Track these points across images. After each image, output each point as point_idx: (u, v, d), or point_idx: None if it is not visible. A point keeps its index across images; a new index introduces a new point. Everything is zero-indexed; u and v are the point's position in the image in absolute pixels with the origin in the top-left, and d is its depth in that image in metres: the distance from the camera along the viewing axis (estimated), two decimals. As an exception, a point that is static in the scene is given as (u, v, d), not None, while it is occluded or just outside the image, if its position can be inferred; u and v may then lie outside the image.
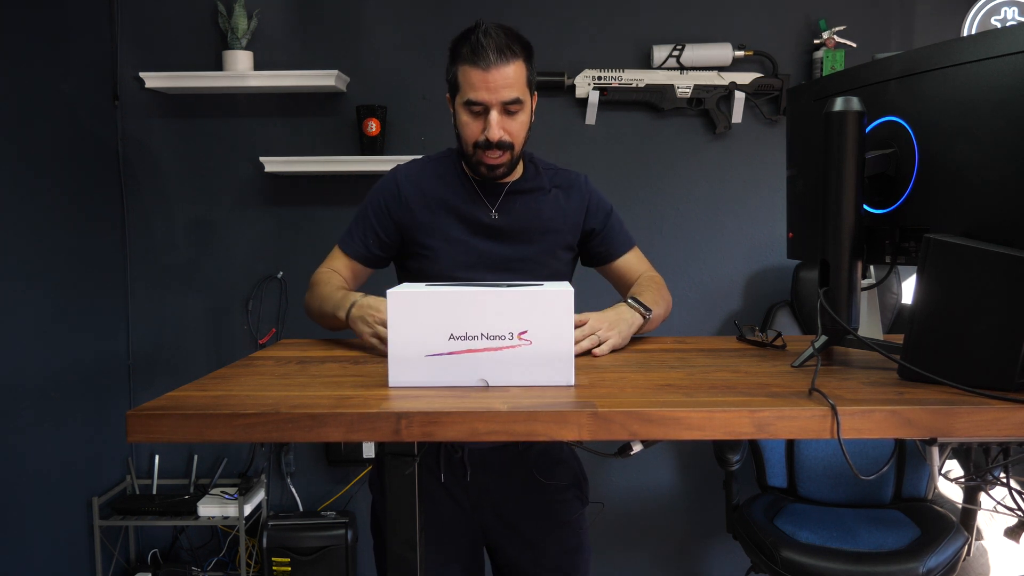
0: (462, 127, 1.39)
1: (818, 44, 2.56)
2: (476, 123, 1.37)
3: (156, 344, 2.71)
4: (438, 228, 1.43)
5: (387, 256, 1.51)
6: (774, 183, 2.65)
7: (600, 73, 2.55)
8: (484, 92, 1.34)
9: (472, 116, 1.37)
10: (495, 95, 1.34)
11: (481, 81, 1.33)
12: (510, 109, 1.36)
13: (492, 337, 0.96)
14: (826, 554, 1.96)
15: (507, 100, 1.35)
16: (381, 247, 1.48)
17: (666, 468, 2.74)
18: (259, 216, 2.69)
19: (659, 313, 1.44)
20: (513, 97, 1.35)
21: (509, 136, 1.37)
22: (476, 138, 1.37)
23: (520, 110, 1.37)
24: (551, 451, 1.47)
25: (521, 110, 1.38)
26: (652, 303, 1.41)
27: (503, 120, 1.36)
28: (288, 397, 0.92)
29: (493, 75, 1.33)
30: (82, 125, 2.50)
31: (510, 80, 1.34)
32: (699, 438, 0.85)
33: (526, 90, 1.38)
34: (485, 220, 1.43)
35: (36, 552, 2.25)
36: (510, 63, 1.34)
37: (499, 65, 1.33)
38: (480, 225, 1.43)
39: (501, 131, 1.35)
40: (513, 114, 1.37)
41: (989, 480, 1.04)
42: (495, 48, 1.33)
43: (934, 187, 1.01)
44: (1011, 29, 0.92)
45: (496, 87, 1.33)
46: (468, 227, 1.43)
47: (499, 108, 1.35)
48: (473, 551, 1.48)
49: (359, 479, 2.72)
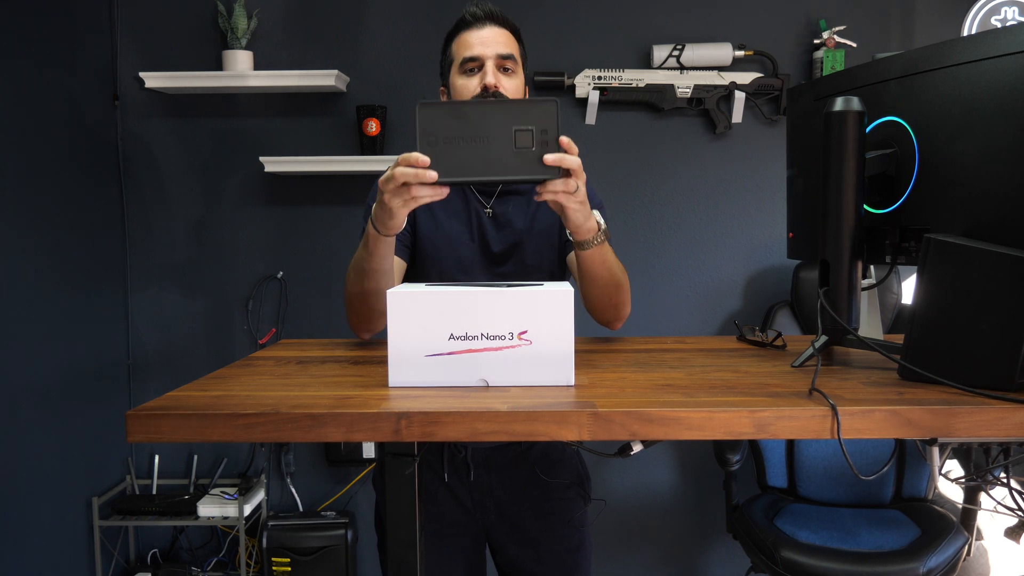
0: (458, 92, 1.39)
1: (818, 44, 2.56)
2: (471, 81, 1.37)
3: (156, 344, 2.72)
4: (435, 226, 1.42)
5: (412, 246, 1.45)
6: (774, 183, 2.65)
7: (600, 73, 2.55)
8: (479, 47, 1.36)
9: (467, 76, 1.38)
10: (489, 48, 1.36)
11: (476, 39, 1.37)
12: (505, 66, 1.37)
13: (492, 337, 0.96)
14: (826, 554, 1.96)
15: (502, 54, 1.37)
16: (404, 236, 1.41)
17: (666, 468, 2.74)
18: (259, 216, 2.69)
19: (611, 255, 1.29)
20: (507, 52, 1.37)
21: (505, 91, 1.36)
22: (472, 93, 1.37)
23: (514, 71, 1.39)
24: (553, 450, 1.47)
25: (515, 72, 1.39)
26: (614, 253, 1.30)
27: (499, 76, 1.37)
28: (288, 397, 0.92)
29: (486, 32, 1.37)
30: (82, 125, 2.50)
31: (503, 39, 1.38)
32: (699, 438, 0.85)
33: (519, 58, 1.41)
34: (481, 218, 1.43)
35: (36, 552, 2.25)
36: (503, 28, 1.39)
37: (492, 25, 1.38)
38: (476, 223, 1.43)
39: (497, 82, 1.35)
40: (508, 72, 1.38)
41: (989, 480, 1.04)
42: (487, 12, 1.39)
43: (934, 187, 1.01)
44: (1011, 29, 0.92)
45: (490, 42, 1.37)
46: (464, 225, 1.43)
47: (494, 61, 1.36)
48: (475, 550, 1.48)
49: (359, 479, 2.72)
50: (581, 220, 1.17)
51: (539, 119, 1.06)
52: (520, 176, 1.04)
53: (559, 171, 1.05)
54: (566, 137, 1.06)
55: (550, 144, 1.04)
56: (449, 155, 1.03)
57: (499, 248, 1.43)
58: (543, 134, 1.05)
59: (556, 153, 1.04)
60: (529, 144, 1.04)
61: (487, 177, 1.04)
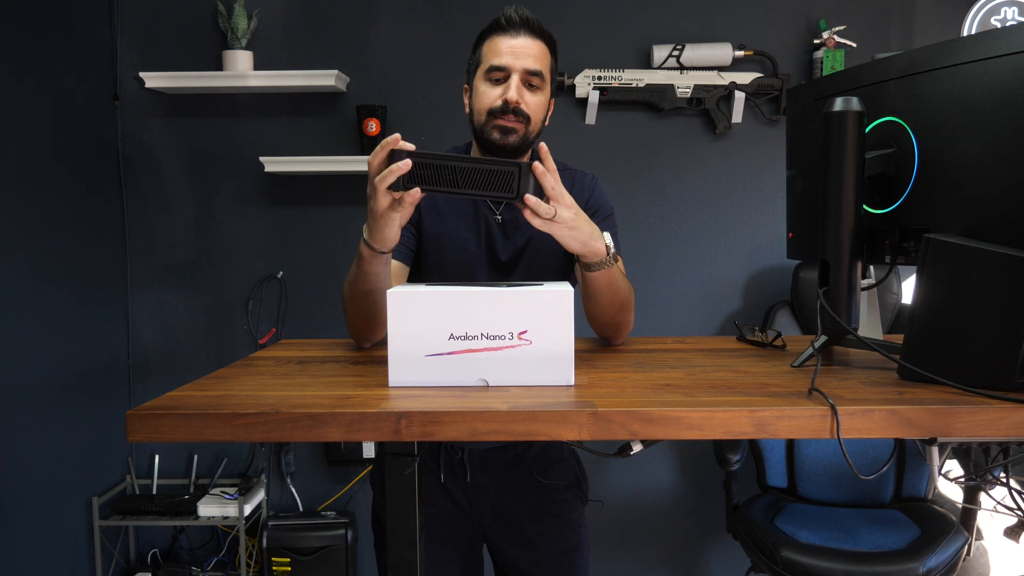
0: (479, 99, 1.36)
1: (818, 44, 2.56)
2: (495, 90, 1.34)
3: (156, 344, 2.72)
4: (442, 229, 1.41)
5: (417, 249, 1.43)
6: (774, 183, 2.65)
7: (600, 73, 2.55)
8: (508, 57, 1.33)
9: (491, 84, 1.35)
10: (519, 61, 1.33)
11: (507, 47, 1.33)
12: (531, 82, 1.34)
13: (492, 337, 0.96)
14: (826, 554, 1.96)
15: (530, 69, 1.33)
16: (408, 239, 1.40)
17: (666, 468, 2.74)
18: (259, 216, 2.69)
19: (620, 278, 1.26)
20: (536, 69, 1.34)
21: (527, 108, 1.34)
22: (492, 104, 1.34)
23: (540, 88, 1.36)
24: (550, 451, 1.46)
25: (541, 89, 1.36)
26: (623, 271, 1.29)
27: (523, 91, 1.34)
28: (288, 397, 0.92)
29: (520, 42, 1.33)
30: (82, 125, 2.50)
31: (535, 52, 1.34)
32: (699, 438, 0.85)
33: (548, 75, 1.37)
34: (489, 225, 1.42)
35: (36, 552, 2.25)
36: (537, 40, 1.35)
37: (527, 35, 1.34)
38: (484, 229, 1.42)
39: (519, 98, 1.33)
40: (533, 88, 1.35)
41: (989, 480, 1.04)
42: (525, 21, 1.34)
43: (934, 187, 1.01)
44: (1011, 29, 0.92)
45: (520, 54, 1.33)
46: (471, 231, 1.41)
47: (521, 76, 1.33)
48: (472, 551, 1.48)
49: (359, 479, 2.72)
50: (577, 246, 1.15)
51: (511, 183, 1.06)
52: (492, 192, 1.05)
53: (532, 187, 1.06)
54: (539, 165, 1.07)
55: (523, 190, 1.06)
56: None
57: (506, 256, 1.42)
58: None
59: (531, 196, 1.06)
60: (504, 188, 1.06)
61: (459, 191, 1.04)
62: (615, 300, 1.27)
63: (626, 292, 1.29)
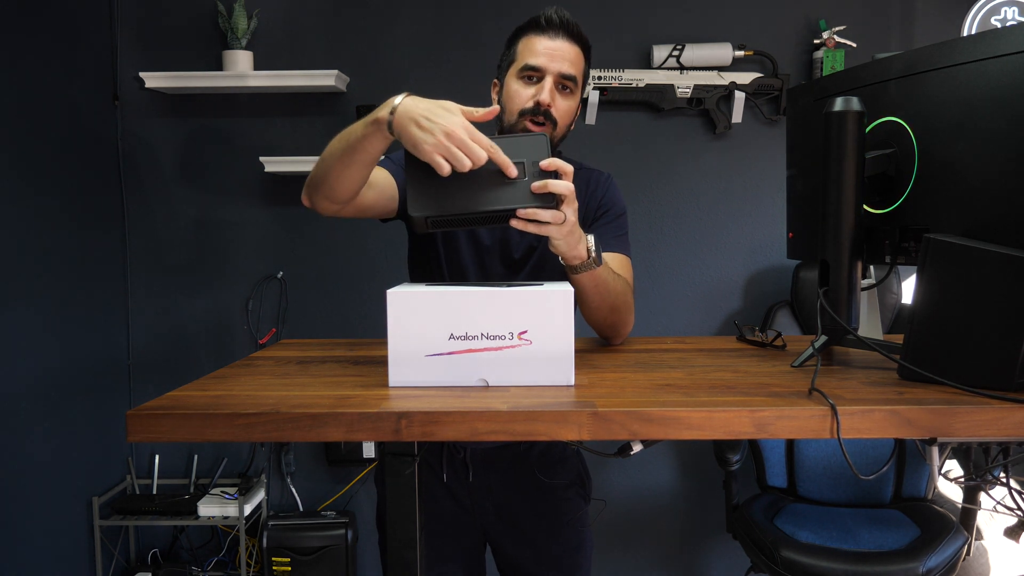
0: (511, 97, 1.35)
1: (818, 44, 2.56)
2: (527, 90, 1.34)
3: (156, 344, 2.72)
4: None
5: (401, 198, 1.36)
6: (774, 183, 2.65)
7: (600, 73, 2.55)
8: (544, 58, 1.32)
9: (524, 84, 1.34)
10: (555, 63, 1.32)
11: (544, 48, 1.32)
12: (564, 85, 1.34)
13: (492, 337, 0.96)
14: (826, 554, 1.96)
15: (565, 73, 1.33)
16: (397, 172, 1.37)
17: (666, 468, 2.74)
18: (259, 216, 2.69)
19: (608, 280, 1.25)
20: (571, 73, 1.33)
21: (556, 112, 1.34)
22: (524, 104, 1.33)
23: (572, 92, 1.36)
24: (553, 450, 1.46)
25: (572, 93, 1.36)
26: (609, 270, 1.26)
27: (555, 95, 1.33)
28: (288, 397, 0.92)
29: (558, 44, 1.33)
30: (82, 125, 2.50)
31: (571, 56, 1.34)
32: (699, 438, 0.85)
33: (580, 80, 1.37)
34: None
35: (36, 552, 2.25)
36: (574, 44, 1.34)
37: (564, 38, 1.33)
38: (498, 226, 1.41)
39: (551, 101, 1.32)
40: (565, 91, 1.35)
41: (989, 480, 1.04)
42: (564, 24, 1.33)
43: (934, 187, 1.01)
44: (1011, 29, 0.92)
45: (557, 56, 1.32)
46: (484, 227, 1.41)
47: (555, 79, 1.33)
48: (474, 550, 1.48)
49: (359, 479, 2.72)
50: (566, 249, 1.15)
51: (530, 152, 1.06)
52: (509, 206, 1.04)
53: (551, 199, 1.05)
54: (557, 160, 1.05)
55: (540, 175, 1.05)
56: (435, 190, 1.03)
57: (519, 254, 1.42)
58: (534, 165, 1.05)
59: (542, 180, 1.04)
60: (521, 175, 1.04)
61: (475, 209, 1.03)
62: (604, 302, 1.26)
63: (618, 293, 1.28)
